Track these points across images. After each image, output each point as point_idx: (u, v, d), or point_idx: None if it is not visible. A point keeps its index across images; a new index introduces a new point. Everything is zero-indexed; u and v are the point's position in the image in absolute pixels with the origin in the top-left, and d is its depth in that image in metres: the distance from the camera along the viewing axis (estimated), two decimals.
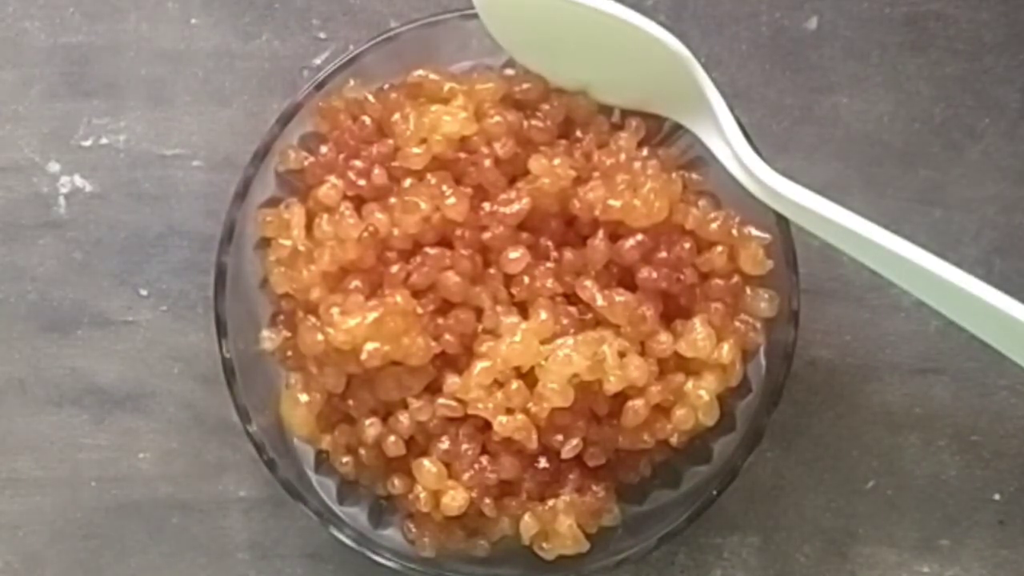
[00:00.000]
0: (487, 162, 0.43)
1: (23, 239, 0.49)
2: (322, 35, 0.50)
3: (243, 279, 0.45)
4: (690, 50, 0.43)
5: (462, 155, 0.44)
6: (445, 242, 0.44)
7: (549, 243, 0.44)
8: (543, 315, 0.43)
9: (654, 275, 0.43)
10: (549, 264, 0.44)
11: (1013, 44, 0.50)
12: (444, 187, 0.43)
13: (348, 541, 0.45)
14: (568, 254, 0.44)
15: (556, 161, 0.43)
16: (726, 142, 0.43)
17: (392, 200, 0.43)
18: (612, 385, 0.42)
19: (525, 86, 0.44)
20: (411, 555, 0.45)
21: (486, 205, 0.43)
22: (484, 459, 0.44)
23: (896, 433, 0.50)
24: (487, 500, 0.44)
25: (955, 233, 0.49)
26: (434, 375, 0.43)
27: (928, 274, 0.41)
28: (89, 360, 0.49)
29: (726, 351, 0.43)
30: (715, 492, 0.45)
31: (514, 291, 0.44)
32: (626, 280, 0.44)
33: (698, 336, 0.43)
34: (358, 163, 0.44)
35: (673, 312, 0.44)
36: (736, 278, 0.44)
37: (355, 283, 0.43)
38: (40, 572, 0.50)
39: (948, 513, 0.50)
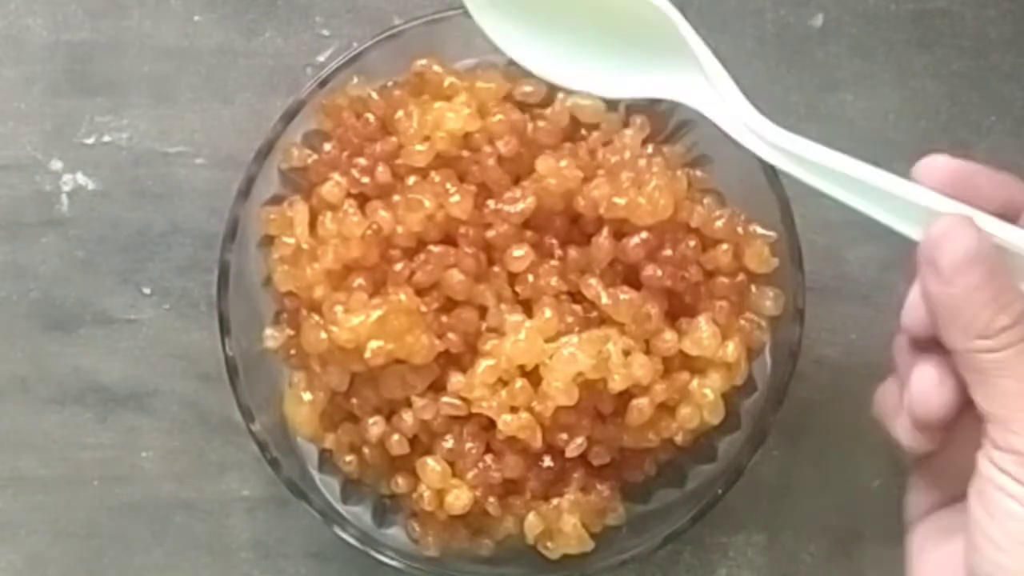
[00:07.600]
0: (491, 160, 0.43)
1: (25, 237, 0.49)
2: (325, 32, 0.50)
3: (246, 277, 0.45)
4: None
5: (466, 153, 0.43)
6: (449, 240, 0.44)
7: (553, 241, 0.44)
8: (547, 313, 0.43)
9: (659, 273, 0.43)
10: (553, 262, 0.43)
11: (1019, 41, 0.50)
12: (448, 185, 0.43)
13: (352, 540, 0.45)
14: (572, 252, 0.43)
15: (563, 163, 0.43)
16: (720, 97, 0.42)
17: (396, 198, 0.43)
18: (617, 384, 0.42)
19: (528, 88, 0.44)
20: (415, 554, 0.45)
21: (490, 203, 0.43)
22: (488, 458, 0.44)
23: None
24: (491, 499, 0.44)
25: None
26: (438, 373, 0.43)
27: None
28: (92, 358, 0.49)
29: (731, 349, 0.43)
30: (720, 491, 0.44)
31: (518, 289, 0.43)
32: (631, 278, 0.44)
33: (703, 334, 0.43)
34: (362, 160, 0.44)
35: (678, 310, 0.44)
36: (741, 276, 0.44)
37: (359, 281, 0.43)
38: (43, 571, 0.49)
39: None
